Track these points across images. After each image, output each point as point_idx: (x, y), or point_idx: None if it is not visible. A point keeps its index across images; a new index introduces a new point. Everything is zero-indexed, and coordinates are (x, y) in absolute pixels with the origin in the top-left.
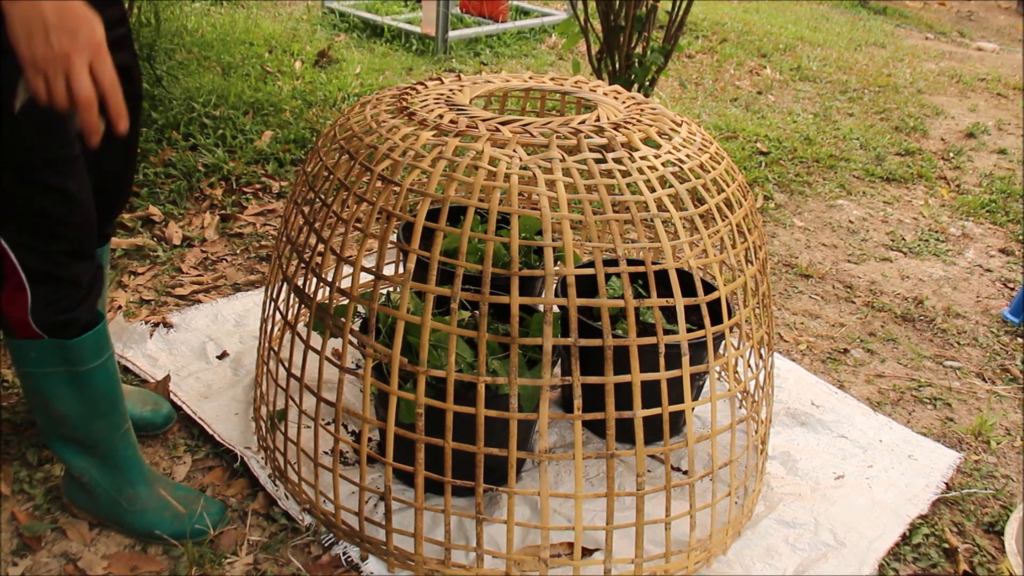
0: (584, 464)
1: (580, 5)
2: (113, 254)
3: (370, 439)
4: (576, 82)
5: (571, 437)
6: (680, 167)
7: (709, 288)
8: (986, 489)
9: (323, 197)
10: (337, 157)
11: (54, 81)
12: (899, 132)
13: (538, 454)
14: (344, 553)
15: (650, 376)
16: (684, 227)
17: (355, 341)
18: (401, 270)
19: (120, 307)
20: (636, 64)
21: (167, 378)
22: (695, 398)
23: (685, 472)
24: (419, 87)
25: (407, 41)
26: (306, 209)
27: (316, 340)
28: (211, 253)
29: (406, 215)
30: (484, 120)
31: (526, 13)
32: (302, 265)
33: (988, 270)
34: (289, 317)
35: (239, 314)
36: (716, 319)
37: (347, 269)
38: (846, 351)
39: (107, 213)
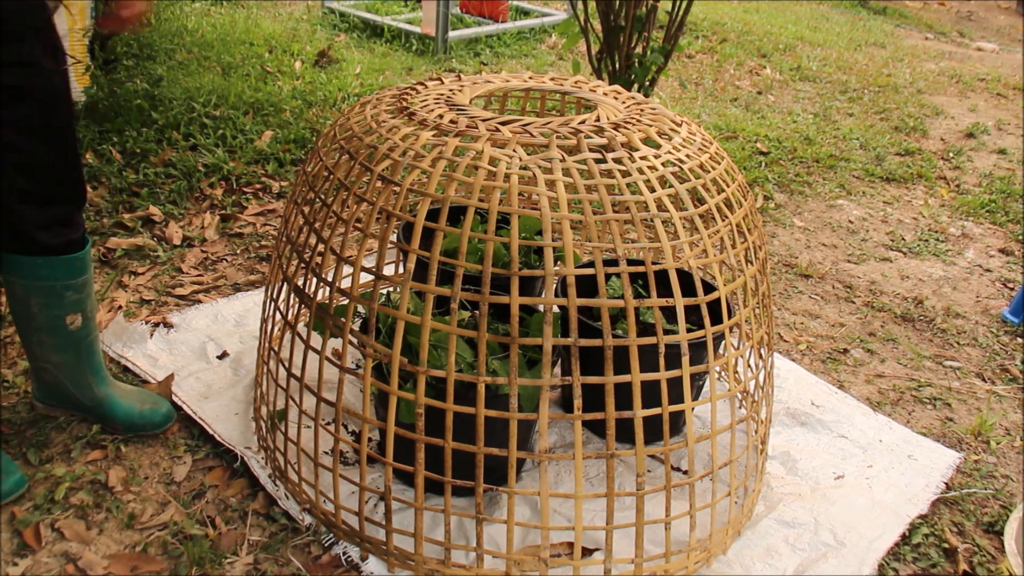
0: (584, 464)
1: (580, 5)
2: (113, 254)
3: (370, 439)
4: (576, 82)
5: (571, 437)
6: (680, 167)
7: (709, 288)
8: (986, 489)
9: (323, 197)
10: (337, 157)
11: None
12: (899, 132)
13: (538, 454)
14: (344, 553)
15: (650, 376)
16: (684, 227)
17: (355, 341)
18: (401, 270)
19: (120, 307)
20: (636, 64)
21: (170, 378)
22: (695, 398)
23: (685, 472)
24: (419, 87)
25: (407, 41)
26: (306, 209)
27: (316, 340)
28: (211, 253)
29: (406, 215)
30: (484, 120)
31: (526, 13)
32: (302, 265)
33: (988, 270)
34: (289, 317)
35: (239, 314)
36: (716, 319)
37: (347, 269)
38: (846, 351)
39: (35, 210)
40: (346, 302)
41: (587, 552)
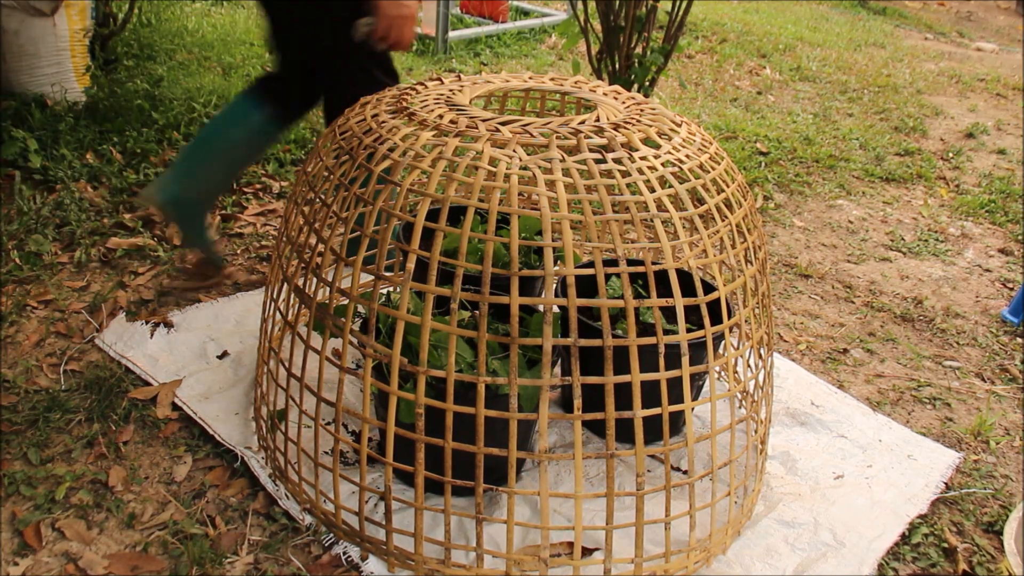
0: (584, 464)
1: (580, 5)
2: (113, 254)
3: (370, 439)
4: (576, 82)
5: (571, 437)
6: (680, 167)
7: (709, 288)
8: (985, 489)
9: (323, 197)
10: (337, 157)
11: (399, 31)
12: (899, 132)
13: (538, 454)
14: (344, 553)
15: (650, 376)
16: (684, 227)
17: (355, 341)
18: (401, 270)
19: (121, 307)
20: (636, 64)
21: (176, 382)
22: (695, 398)
23: (685, 472)
24: (419, 87)
25: None
26: (306, 209)
27: (316, 340)
28: None
29: (406, 215)
30: (484, 120)
31: (526, 13)
32: (302, 265)
33: (987, 270)
34: (289, 317)
35: (239, 314)
36: (716, 319)
37: (347, 269)
38: (846, 351)
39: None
40: (346, 302)
41: (587, 552)
